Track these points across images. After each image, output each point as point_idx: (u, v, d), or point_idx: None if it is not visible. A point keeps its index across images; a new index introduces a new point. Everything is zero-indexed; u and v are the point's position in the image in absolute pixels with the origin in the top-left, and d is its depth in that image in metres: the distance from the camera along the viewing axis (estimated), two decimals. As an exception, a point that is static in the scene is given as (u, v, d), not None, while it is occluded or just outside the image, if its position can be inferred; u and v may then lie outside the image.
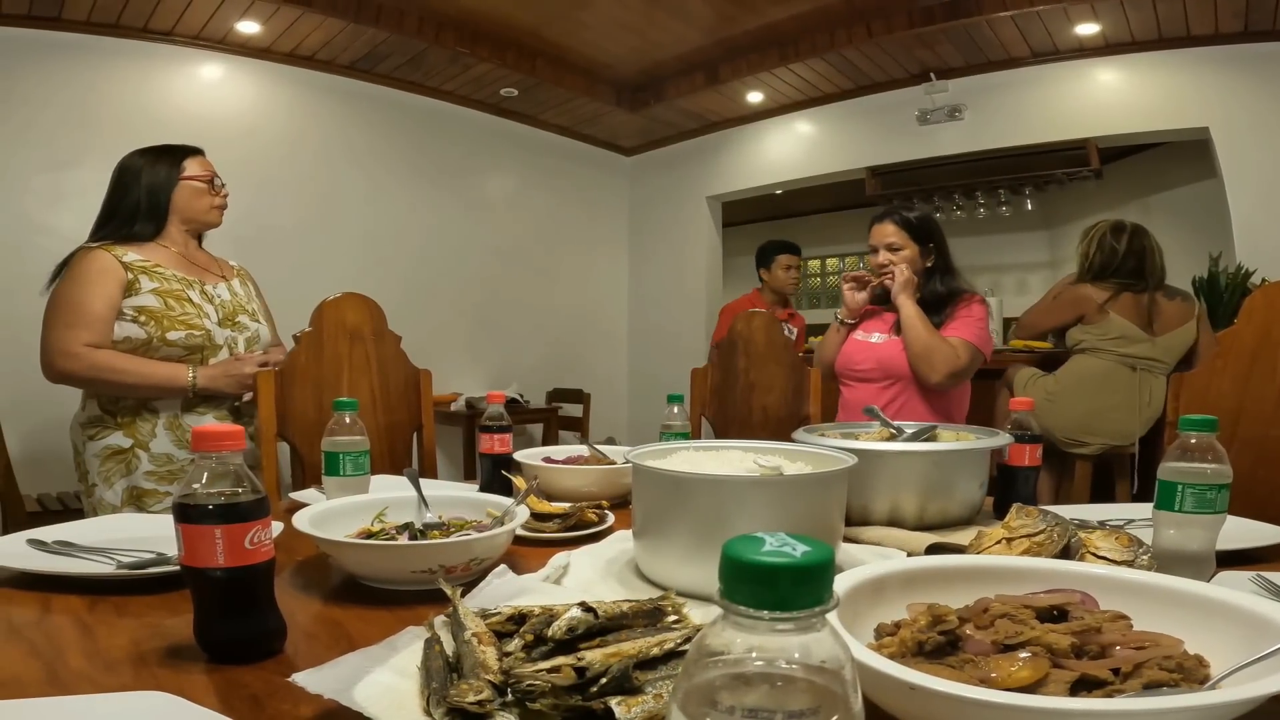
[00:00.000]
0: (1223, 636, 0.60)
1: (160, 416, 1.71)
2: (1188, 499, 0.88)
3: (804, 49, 4.06)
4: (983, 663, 0.57)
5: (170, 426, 1.72)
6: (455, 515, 1.09)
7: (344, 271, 3.93)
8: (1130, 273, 2.84)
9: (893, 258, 2.04)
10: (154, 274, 1.71)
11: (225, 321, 1.79)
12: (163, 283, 1.71)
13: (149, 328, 1.68)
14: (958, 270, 2.11)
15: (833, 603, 0.32)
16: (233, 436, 0.70)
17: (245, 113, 3.88)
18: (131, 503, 1.70)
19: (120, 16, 3.36)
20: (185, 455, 1.71)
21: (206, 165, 1.85)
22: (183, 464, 1.72)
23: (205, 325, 1.74)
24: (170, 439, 1.72)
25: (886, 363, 2.07)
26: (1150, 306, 2.81)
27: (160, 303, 1.70)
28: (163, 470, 1.71)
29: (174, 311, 1.71)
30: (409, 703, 0.56)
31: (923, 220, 2.07)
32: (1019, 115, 4.02)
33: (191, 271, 1.80)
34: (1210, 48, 3.52)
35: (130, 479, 1.70)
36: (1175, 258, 3.89)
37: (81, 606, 0.83)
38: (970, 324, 1.99)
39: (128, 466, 1.70)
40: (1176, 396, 1.49)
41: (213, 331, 1.75)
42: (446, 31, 3.89)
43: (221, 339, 1.77)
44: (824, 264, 7.36)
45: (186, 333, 1.71)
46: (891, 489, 1.18)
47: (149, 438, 1.71)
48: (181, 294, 1.73)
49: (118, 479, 1.70)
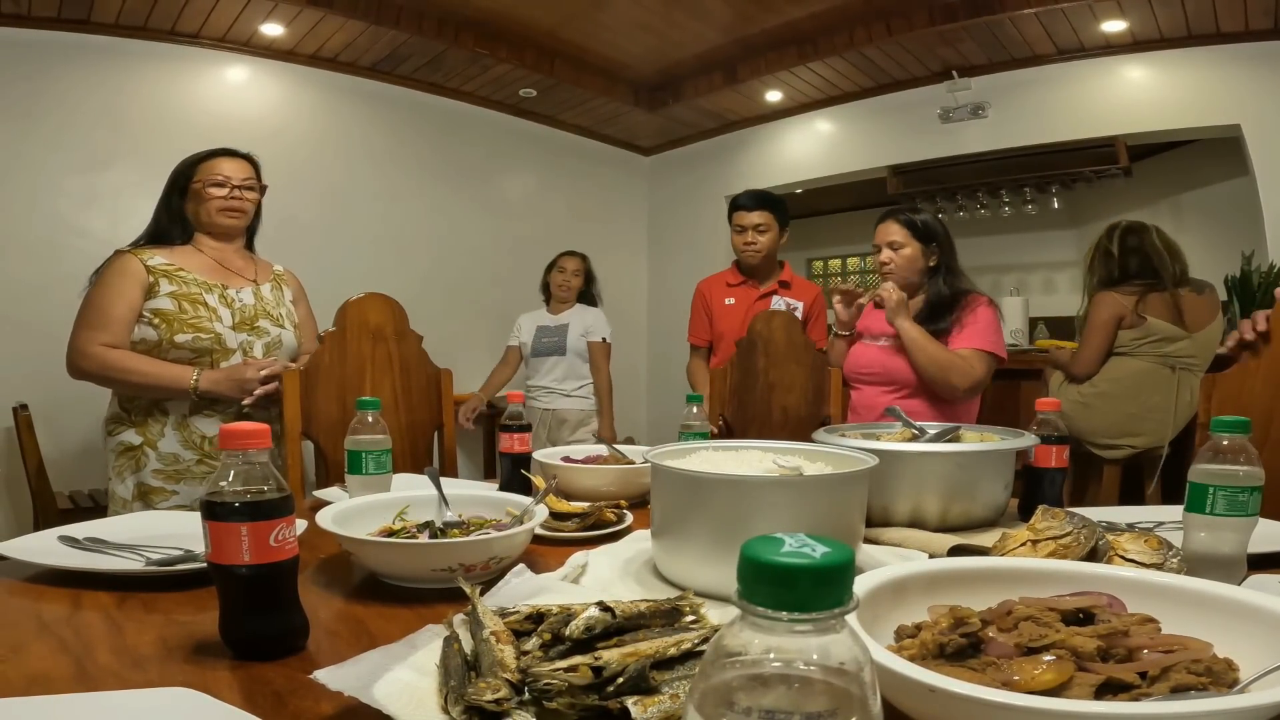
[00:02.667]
0: (1253, 640, 0.59)
1: (169, 417, 1.73)
2: (1219, 501, 0.86)
3: (823, 47, 4.03)
4: (1005, 665, 0.56)
5: (178, 427, 1.73)
6: (475, 514, 1.10)
7: (366, 271, 3.97)
8: (1138, 272, 2.78)
9: (894, 256, 2.05)
10: (174, 277, 1.73)
11: (242, 325, 1.78)
12: (180, 286, 1.73)
13: (160, 330, 1.70)
14: (963, 272, 2.08)
15: (852, 604, 0.32)
16: (259, 435, 0.71)
17: (270, 114, 3.93)
18: (140, 499, 1.72)
19: (148, 19, 3.42)
20: (191, 456, 1.73)
21: (232, 167, 1.83)
22: (188, 464, 1.73)
23: (215, 329, 1.74)
24: (177, 439, 1.73)
25: (891, 368, 2.06)
26: (1176, 302, 2.75)
27: (174, 305, 1.71)
28: (169, 469, 1.73)
29: (185, 315, 1.72)
30: (428, 700, 0.57)
31: (926, 221, 2.05)
32: (1045, 113, 3.96)
33: (217, 275, 1.81)
34: (1240, 44, 3.45)
35: (139, 475, 1.73)
36: (1207, 255, 3.83)
37: (111, 603, 0.85)
38: (979, 330, 1.96)
39: (137, 463, 1.73)
40: (1209, 398, 1.46)
41: (224, 335, 1.75)
42: (465, 32, 3.91)
43: (235, 343, 1.77)
44: (845, 264, 7.31)
45: (194, 335, 1.71)
46: (914, 490, 1.16)
47: (158, 437, 1.73)
48: (198, 297, 1.74)
49: (128, 474, 1.74)
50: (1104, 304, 2.81)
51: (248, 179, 1.86)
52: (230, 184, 1.81)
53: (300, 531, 0.81)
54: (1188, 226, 4.60)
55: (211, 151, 1.85)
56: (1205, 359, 2.75)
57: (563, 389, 3.57)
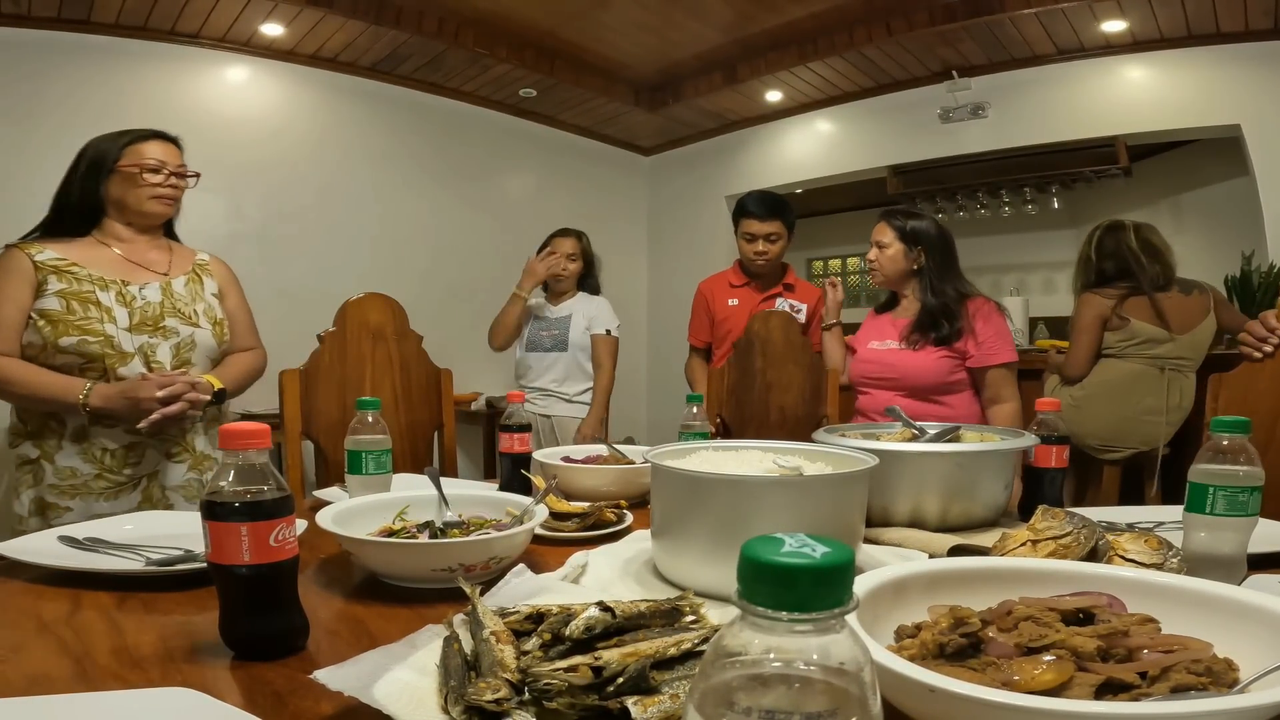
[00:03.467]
0: (1253, 640, 0.59)
1: (66, 428, 1.55)
2: (1219, 501, 0.86)
3: (823, 47, 4.03)
4: (1005, 665, 0.56)
5: (77, 438, 1.54)
6: (475, 514, 1.10)
7: (366, 271, 3.98)
8: (1116, 275, 2.77)
9: (879, 255, 2.08)
10: (65, 274, 1.54)
11: (142, 326, 1.58)
12: (71, 283, 1.54)
13: (45, 333, 1.51)
14: (960, 276, 2.05)
15: (852, 604, 0.32)
16: (258, 435, 0.71)
17: (271, 114, 3.93)
18: (37, 514, 1.56)
19: (148, 19, 3.43)
20: (91, 470, 1.55)
21: (163, 151, 1.65)
22: (87, 479, 1.55)
23: (107, 331, 1.54)
24: (76, 452, 1.54)
25: (904, 372, 2.03)
26: (1155, 305, 2.72)
27: (62, 305, 1.52)
28: (65, 484, 1.54)
29: (73, 316, 1.52)
30: (427, 700, 0.57)
31: (915, 225, 2.04)
32: (1045, 113, 3.96)
33: (118, 270, 1.61)
34: (1240, 44, 3.45)
35: (37, 489, 1.56)
36: (1207, 255, 3.84)
37: (110, 603, 0.85)
38: (1001, 345, 1.96)
39: (34, 477, 1.56)
40: (1215, 397, 1.46)
41: (117, 338, 1.55)
42: (465, 32, 3.91)
43: (132, 346, 1.56)
44: (845, 263, 7.31)
45: (80, 339, 1.52)
46: (914, 490, 1.16)
47: (54, 450, 1.55)
48: (89, 296, 1.55)
49: (25, 489, 1.57)
50: (1087, 305, 2.81)
51: (181, 165, 1.68)
52: (165, 169, 1.63)
53: (300, 531, 0.81)
54: (1188, 226, 4.60)
55: (139, 133, 1.66)
56: (1196, 360, 2.75)
57: (563, 392, 2.97)
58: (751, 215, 2.67)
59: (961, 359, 1.98)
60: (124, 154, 1.62)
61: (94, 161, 1.62)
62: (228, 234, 3.61)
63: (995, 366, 1.96)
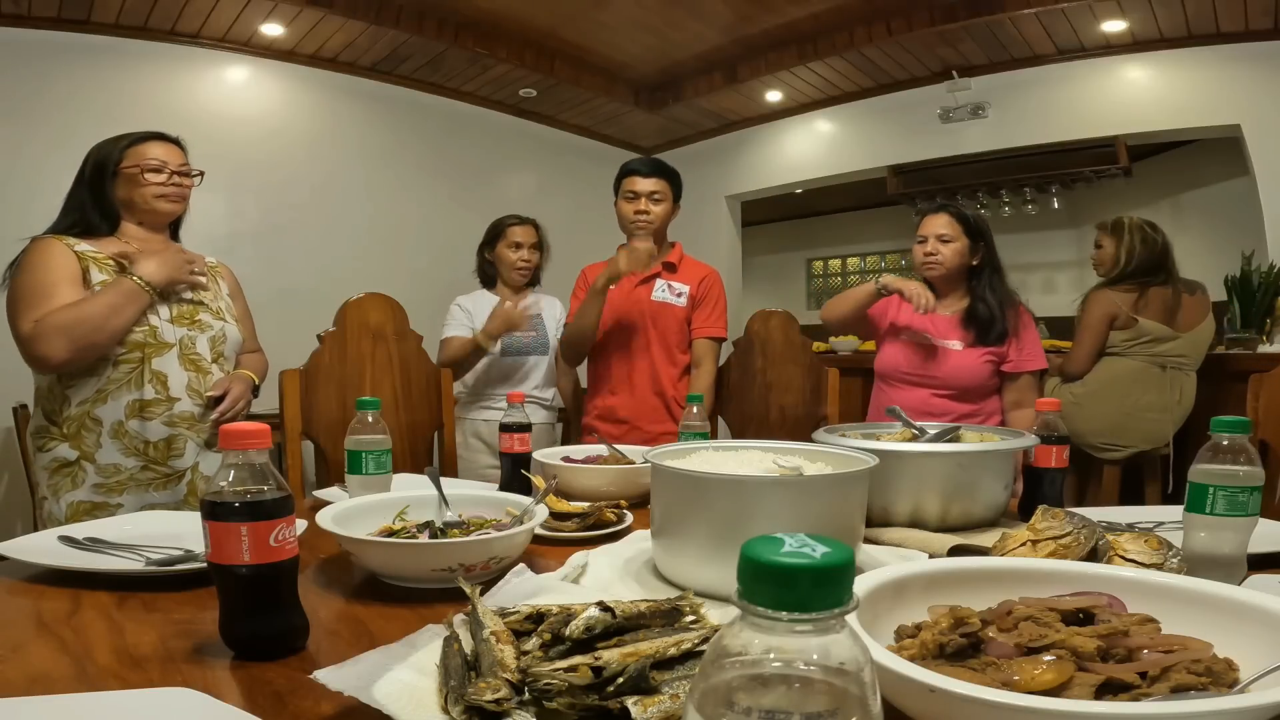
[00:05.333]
0: (1253, 640, 0.59)
1: (104, 425, 1.55)
2: (1219, 501, 0.86)
3: (823, 47, 4.03)
4: (1005, 665, 0.56)
5: (116, 434, 1.56)
6: (475, 514, 1.10)
7: (366, 271, 3.97)
8: (1155, 268, 2.78)
9: (941, 249, 2.00)
10: (104, 266, 1.58)
11: (180, 319, 1.64)
12: (111, 275, 1.57)
13: None
14: (1005, 273, 2.04)
15: (852, 604, 0.32)
16: (259, 435, 0.71)
17: (271, 114, 3.93)
18: (78, 518, 1.53)
19: (148, 19, 3.42)
20: (134, 463, 1.56)
21: (163, 151, 1.68)
22: (131, 472, 1.56)
23: (151, 321, 1.58)
24: (117, 448, 1.56)
25: (950, 371, 1.97)
26: (1174, 301, 2.75)
27: None
28: (111, 481, 1.55)
29: None
30: (427, 700, 0.57)
31: (977, 218, 2.03)
32: (1045, 113, 3.97)
33: None
34: (1240, 44, 3.45)
35: (77, 493, 1.55)
36: (1207, 255, 3.83)
37: (111, 603, 0.85)
38: (1038, 352, 1.98)
39: (73, 480, 1.55)
40: (1256, 395, 1.46)
41: (161, 329, 1.59)
42: (465, 32, 3.91)
43: (173, 337, 1.61)
44: (845, 263, 7.31)
45: None
46: (914, 490, 1.16)
47: (94, 449, 1.55)
48: None
49: (64, 493, 1.56)
50: (1096, 303, 2.81)
51: (184, 164, 1.71)
52: (168, 168, 1.66)
53: (300, 531, 0.81)
54: (1188, 226, 4.60)
55: (140, 135, 1.69)
56: (1196, 359, 2.76)
57: (544, 398, 2.60)
58: (634, 172, 2.34)
59: (999, 362, 1.97)
60: (125, 156, 1.65)
61: (97, 166, 1.65)
62: (228, 234, 3.61)
63: (1028, 373, 1.97)
